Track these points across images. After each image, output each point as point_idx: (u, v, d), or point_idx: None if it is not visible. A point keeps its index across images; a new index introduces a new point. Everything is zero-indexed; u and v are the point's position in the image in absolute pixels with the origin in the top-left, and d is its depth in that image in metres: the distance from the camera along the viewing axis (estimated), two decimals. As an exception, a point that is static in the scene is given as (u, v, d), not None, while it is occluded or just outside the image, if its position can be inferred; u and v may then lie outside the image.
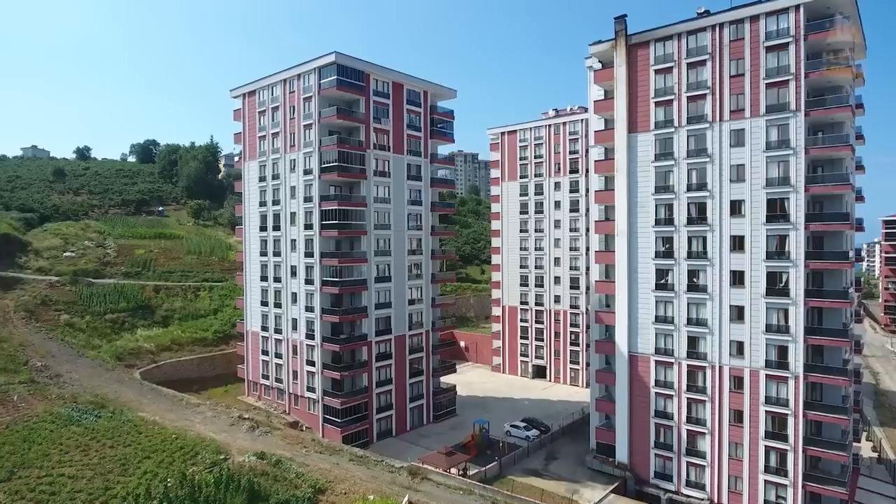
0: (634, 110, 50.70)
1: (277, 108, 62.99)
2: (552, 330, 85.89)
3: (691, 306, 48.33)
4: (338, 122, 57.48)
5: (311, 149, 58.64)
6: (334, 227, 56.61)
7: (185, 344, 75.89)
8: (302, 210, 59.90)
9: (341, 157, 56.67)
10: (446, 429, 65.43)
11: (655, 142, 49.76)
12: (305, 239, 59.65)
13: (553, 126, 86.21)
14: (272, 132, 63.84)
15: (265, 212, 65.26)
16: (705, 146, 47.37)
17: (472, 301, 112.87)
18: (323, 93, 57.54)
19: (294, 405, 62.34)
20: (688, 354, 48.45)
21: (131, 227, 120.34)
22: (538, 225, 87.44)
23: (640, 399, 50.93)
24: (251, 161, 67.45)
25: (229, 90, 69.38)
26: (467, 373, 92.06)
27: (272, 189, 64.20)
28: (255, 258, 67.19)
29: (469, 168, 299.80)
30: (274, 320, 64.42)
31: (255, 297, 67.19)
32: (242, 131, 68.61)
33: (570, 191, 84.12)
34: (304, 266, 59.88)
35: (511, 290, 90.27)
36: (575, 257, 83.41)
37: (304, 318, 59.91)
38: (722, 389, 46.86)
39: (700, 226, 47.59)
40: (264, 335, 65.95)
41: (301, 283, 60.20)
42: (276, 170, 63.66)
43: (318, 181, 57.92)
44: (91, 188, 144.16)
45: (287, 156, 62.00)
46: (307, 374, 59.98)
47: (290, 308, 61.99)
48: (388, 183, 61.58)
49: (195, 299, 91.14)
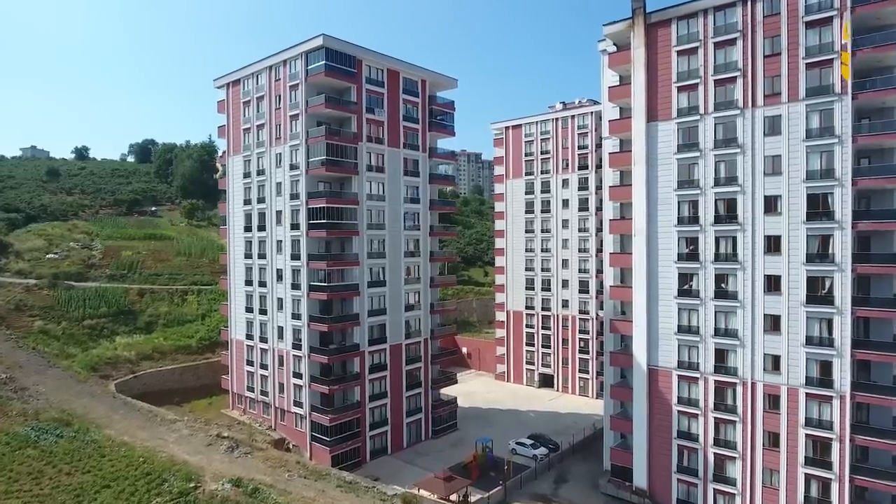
0: (654, 97, 45.56)
1: (263, 97, 58.04)
2: (560, 336, 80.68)
3: (719, 315, 43.14)
4: (327, 112, 52.48)
5: (297, 141, 53.65)
6: (322, 227, 51.60)
7: (167, 352, 70.97)
8: (288, 208, 54.91)
9: (330, 150, 51.66)
10: (446, 445, 60.35)
11: (678, 131, 44.61)
12: (292, 240, 54.65)
13: (560, 120, 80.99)
14: (257, 124, 58.90)
15: (250, 211, 60.30)
16: (735, 135, 42.19)
17: (475, 305, 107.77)
18: (310, 80, 52.54)
19: (280, 421, 57.35)
20: (715, 369, 43.26)
21: (121, 228, 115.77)
22: (545, 225, 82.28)
23: (661, 418, 45.75)
24: (235, 156, 62.52)
25: (213, 80, 64.54)
26: (469, 381, 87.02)
27: (257, 186, 59.24)
28: (239, 261, 62.23)
29: (472, 168, 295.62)
30: (259, 328, 59.44)
31: (240, 302, 62.22)
32: (226, 124, 63.65)
33: (578, 188, 78.93)
34: (290, 269, 54.87)
35: (516, 293, 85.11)
36: (584, 259, 78.21)
37: (291, 326, 54.91)
38: (755, 409, 41.65)
39: (729, 225, 42.41)
40: (249, 344, 60.97)
41: (287, 288, 55.21)
42: (261, 165, 58.70)
43: (305, 177, 52.93)
44: (84, 188, 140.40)
45: (273, 149, 57.03)
46: (294, 387, 54.97)
47: (275, 315, 57.01)
48: (383, 179, 56.57)
49: (182, 303, 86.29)
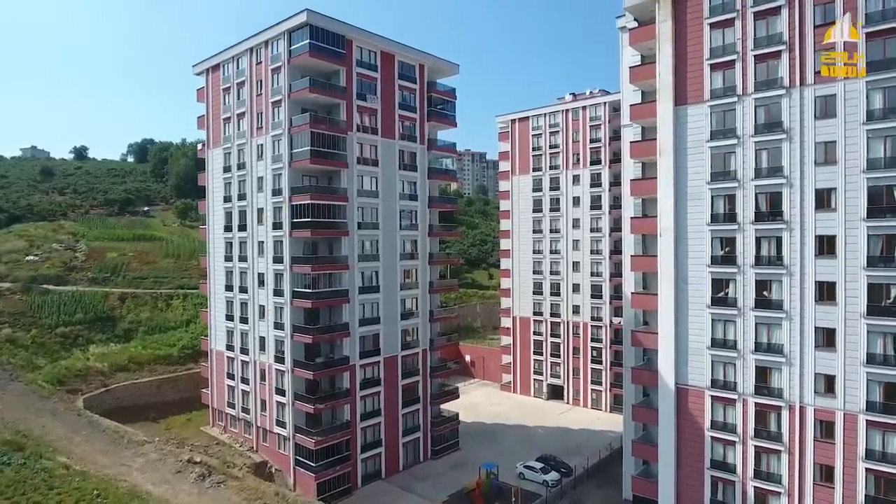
0: (683, 77, 39.78)
1: (243, 83, 52.45)
2: (570, 345, 74.80)
3: (760, 327, 37.28)
4: (312, 98, 46.89)
5: (280, 131, 48.06)
6: (306, 226, 46.01)
7: (145, 362, 65.45)
8: (270, 206, 49.32)
9: (316, 140, 46.04)
10: (447, 467, 54.64)
11: (711, 115, 38.79)
12: (274, 241, 49.05)
13: (571, 111, 75.16)
14: (237, 113, 53.31)
15: (230, 209, 54.72)
16: (780, 119, 36.34)
17: (479, 309, 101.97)
18: (294, 62, 46.93)
19: (262, 441, 51.73)
20: (756, 390, 37.40)
21: (110, 229, 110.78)
22: (554, 224, 76.47)
23: (691, 444, 39.93)
24: (215, 148, 56.98)
25: (192, 66, 59.03)
26: (473, 392, 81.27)
27: (237, 181, 53.66)
28: (219, 263, 56.65)
29: (477, 168, 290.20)
30: (240, 338, 53.83)
31: (220, 309, 56.65)
32: (206, 114, 58.11)
33: (590, 185, 73.08)
34: (272, 274, 49.28)
35: (523, 298, 79.28)
36: (597, 261, 72.33)
37: (273, 336, 49.31)
38: (804, 437, 35.77)
39: (773, 223, 36.55)
40: (230, 356, 55.38)
41: (269, 295, 49.61)
42: (241, 158, 53.11)
43: (287, 170, 47.33)
44: (76, 188, 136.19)
45: (254, 140, 51.45)
46: (276, 405, 49.35)
47: (257, 324, 51.40)
48: (376, 173, 50.95)
49: (166, 309, 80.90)
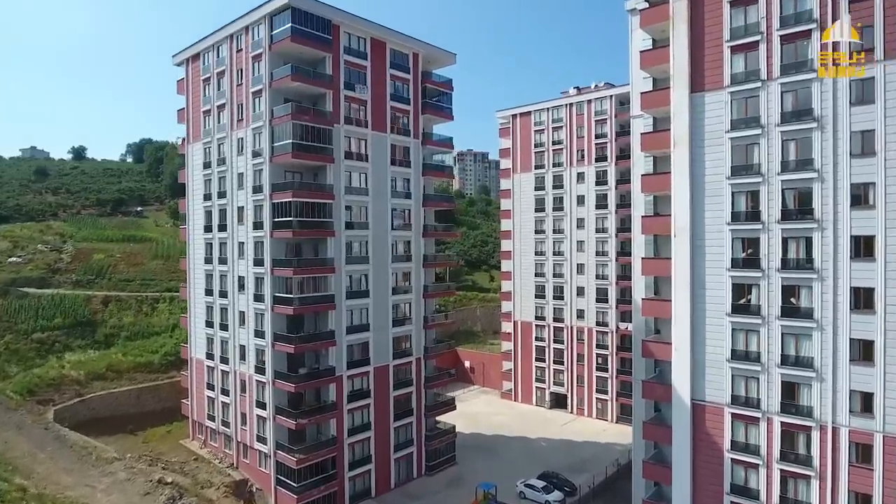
0: (700, 60, 35.99)
1: (223, 72, 48.91)
2: (574, 351, 71.05)
3: (788, 338, 33.46)
4: (295, 87, 43.28)
5: (260, 123, 44.48)
6: (288, 226, 42.39)
7: (124, 370, 62.00)
8: (251, 204, 45.74)
9: (298, 132, 42.45)
10: (443, 485, 50.96)
11: (731, 103, 35.00)
12: (255, 241, 45.47)
13: (575, 105, 71.47)
14: (217, 104, 49.77)
15: (210, 207, 51.18)
16: (810, 106, 32.55)
17: (479, 313, 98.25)
18: (275, 48, 43.36)
19: (243, 458, 48.12)
20: (782, 408, 33.58)
21: (100, 229, 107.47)
22: (557, 225, 72.73)
23: (709, 467, 36.10)
24: (195, 143, 53.43)
25: (172, 56, 55.52)
26: (472, 400, 77.54)
27: (217, 178, 50.11)
28: (199, 266, 53.14)
29: (479, 168, 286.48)
30: (220, 346, 50.26)
31: (200, 315, 53.10)
32: (186, 106, 54.57)
33: (596, 183, 69.37)
34: (252, 277, 45.68)
35: (524, 302, 75.55)
36: (603, 264, 68.59)
37: (254, 345, 45.70)
38: (837, 462, 31.94)
39: (802, 222, 32.76)
40: (209, 365, 51.81)
41: (249, 300, 46.00)
42: (221, 153, 49.58)
43: (268, 165, 43.75)
44: (70, 188, 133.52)
45: (234, 134, 47.89)
46: (257, 419, 45.74)
47: (237, 332, 47.81)
48: (366, 169, 47.33)
49: (151, 313, 77.46)
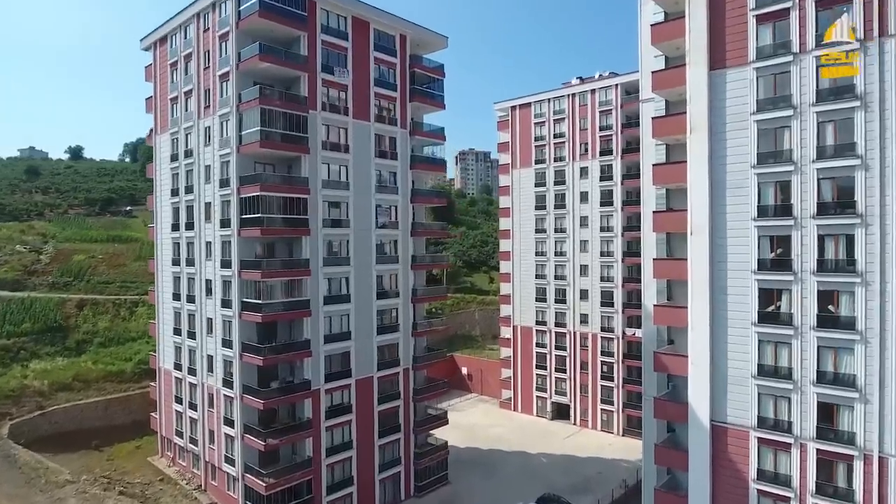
0: (720, 33, 31.44)
1: (190, 55, 44.58)
2: (577, 359, 66.42)
3: (825, 352, 28.87)
4: (264, 69, 38.83)
5: (227, 109, 40.07)
6: (256, 224, 37.98)
7: (93, 380, 57.66)
8: (218, 199, 41.34)
9: (267, 118, 37.98)
10: (432, 507, 46.63)
11: (757, 80, 30.43)
12: (222, 241, 41.05)
13: (578, 95, 66.91)
14: (185, 91, 45.45)
15: (177, 203, 46.86)
16: (851, 82, 27.96)
17: (478, 317, 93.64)
18: (243, 25, 38.92)
19: (211, 480, 43.72)
20: (818, 433, 28.96)
21: (85, 229, 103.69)
22: (559, 223, 68.16)
23: (731, 498, 31.46)
24: (163, 134, 49.10)
25: (140, 40, 51.22)
26: (469, 410, 72.99)
27: (185, 171, 45.78)
28: (167, 268, 48.79)
29: (481, 167, 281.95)
30: (188, 356, 45.89)
31: (168, 322, 48.78)
32: (153, 94, 50.32)
33: (600, 178, 64.76)
34: (220, 280, 41.26)
35: (524, 305, 71.01)
36: (608, 265, 63.95)
37: (221, 356, 41.29)
38: (884, 497, 27.30)
39: (842, 217, 28.17)
40: (178, 376, 47.45)
41: (217, 306, 41.61)
42: (188, 143, 45.25)
43: (235, 156, 39.33)
44: (59, 187, 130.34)
45: (201, 122, 43.53)
46: (225, 437, 41.33)
47: (204, 340, 43.43)
48: (346, 161, 42.89)
49: (129, 317, 73.19)
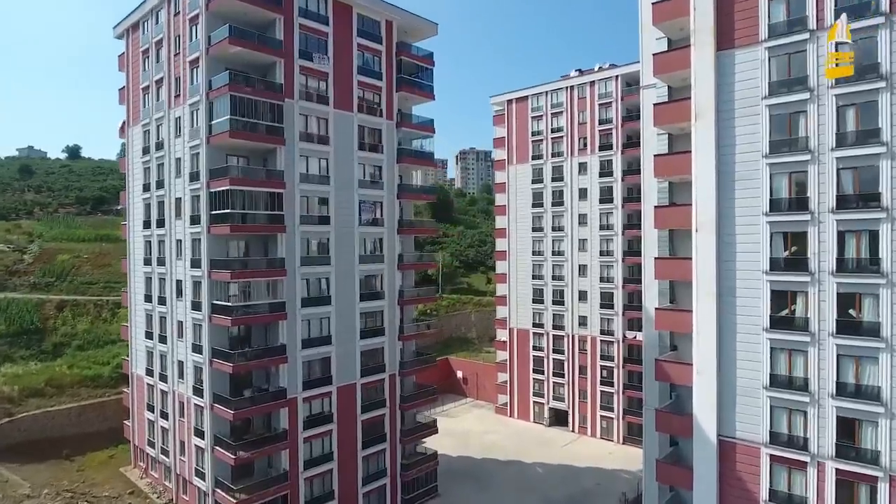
0: (728, 9, 28.56)
1: (161, 41, 41.91)
2: (576, 363, 63.58)
3: (845, 361, 25.98)
4: (235, 54, 36.07)
5: (198, 97, 37.38)
6: (226, 220, 35.23)
7: (67, 385, 54.97)
8: (188, 194, 38.64)
9: (239, 106, 35.22)
10: (420, 522, 43.87)
11: (769, 61, 27.56)
12: (192, 239, 38.34)
13: (577, 88, 64.10)
14: (156, 79, 42.78)
15: (149, 199, 44.18)
16: (875, 60, 25.03)
17: (474, 318, 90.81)
18: (213, 6, 36.16)
19: (182, 494, 40.98)
20: (838, 451, 26.09)
21: (73, 228, 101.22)
22: (557, 221, 65.36)
23: (740, 520, 28.70)
24: (135, 126, 46.44)
25: (112, 27, 48.57)
26: (464, 415, 70.22)
27: (156, 165, 43.10)
28: (138, 268, 46.13)
29: (482, 167, 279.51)
30: (159, 362, 43.20)
31: (140, 324, 46.10)
32: (126, 84, 47.71)
33: (600, 174, 61.93)
34: (190, 281, 38.56)
35: (521, 307, 68.23)
36: (608, 265, 61.11)
37: (192, 361, 38.58)
38: (914, 524, 24.49)
39: (864, 210, 25.26)
40: (149, 382, 44.77)
41: (187, 308, 38.90)
42: (159, 135, 42.57)
43: (205, 147, 36.62)
44: (52, 186, 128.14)
45: (171, 112, 40.85)
46: (196, 449, 38.61)
47: (175, 345, 40.73)
48: (327, 153, 40.14)
49: (112, 319, 70.38)
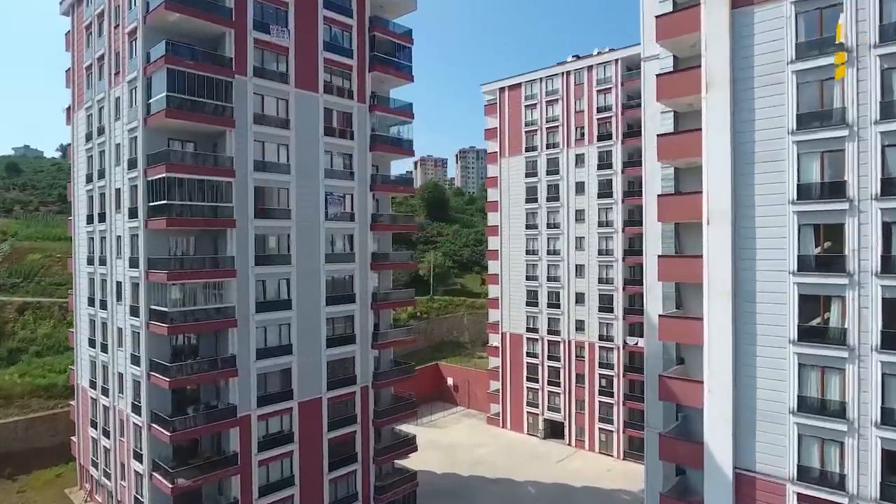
0: (745, -42, 23.91)
1: (102, 13, 37.34)
2: (572, 370, 58.86)
3: (892, 382, 21.22)
4: (175, 22, 31.41)
5: (135, 73, 32.83)
6: (163, 213, 30.65)
7: (17, 395, 50.42)
8: (127, 184, 34.08)
9: (178, 82, 30.56)
10: (395, 552, 39.19)
11: (796, 19, 22.77)
12: (130, 235, 33.78)
13: (573, 73, 59.37)
14: (97, 56, 38.24)
15: (91, 191, 39.65)
16: (930, 11, 20.40)
17: (467, 321, 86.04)
18: (151, -32, 31.70)
19: (123, 523, 36.47)
20: (883, 492, 21.24)
21: (51, 227, 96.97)
22: (552, 218, 60.67)
23: (761, 570, 23.94)
24: (79, 110, 41.88)
25: (59, 4, 44.05)
26: (453, 426, 65.52)
27: (98, 152, 38.54)
28: (82, 267, 41.65)
29: (482, 166, 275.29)
30: (102, 373, 38.63)
31: (84, 331, 41.57)
32: (72, 65, 43.21)
33: (598, 166, 57.22)
34: (129, 283, 33.98)
35: (514, 310, 63.55)
36: (607, 265, 56.38)
37: (130, 374, 34.00)
38: (980, 587, 19.73)
39: (917, 197, 20.56)
40: (92, 395, 40.22)
41: (126, 314, 34.33)
42: (101, 119, 38.01)
43: (142, 130, 32.03)
44: (36, 184, 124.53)
45: (112, 92, 36.29)
46: (135, 474, 34.00)
47: (115, 355, 36.17)
48: (287, 138, 35.51)
49: (77, 323, 66.19)
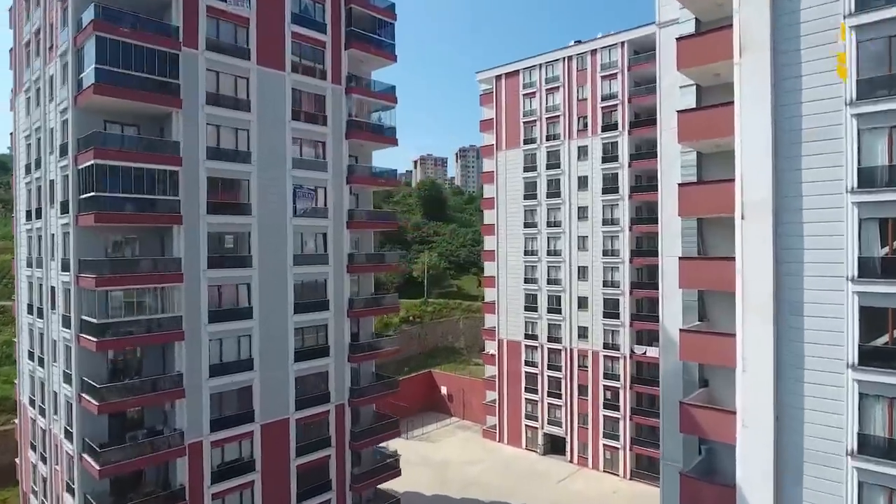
0: None
1: (38, -18, 32.90)
2: (574, 381, 54.31)
3: None
4: (112, -15, 26.95)
5: (66, 44, 28.31)
6: (92, 207, 26.07)
7: (-37, 411, 46.16)
8: (59, 174, 29.55)
9: (111, 53, 25.99)
10: (374, 593, 34.61)
11: (857, -40, 18.21)
12: (63, 233, 29.25)
13: (576, 58, 54.76)
14: (34, 31, 33.75)
15: (30, 183, 35.15)
16: None
17: (463, 326, 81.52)
18: (82, -78, 27.12)
19: (60, 564, 31.89)
20: (975, 560, 16.72)
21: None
22: (553, 216, 56.11)
23: None
24: (21, 94, 37.36)
25: (2, -25, 39.70)
26: (446, 439, 60.98)
27: (35, 139, 34.06)
28: (23, 270, 37.08)
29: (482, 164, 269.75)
30: (39, 390, 34.08)
31: (25, 341, 37.04)
32: (14, 46, 38.76)
33: (603, 159, 52.66)
34: (61, 289, 29.45)
35: (512, 315, 59.02)
36: (612, 266, 51.80)
37: (63, 395, 29.46)
38: None
39: None
40: (32, 415, 35.68)
41: (58, 324, 29.80)
42: (39, 100, 33.49)
43: (72, 110, 27.47)
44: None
45: (47, 70, 31.79)
46: (68, 510, 29.47)
47: (51, 371, 31.63)
48: (247, 122, 30.92)
49: (42, 328, 61.71)
